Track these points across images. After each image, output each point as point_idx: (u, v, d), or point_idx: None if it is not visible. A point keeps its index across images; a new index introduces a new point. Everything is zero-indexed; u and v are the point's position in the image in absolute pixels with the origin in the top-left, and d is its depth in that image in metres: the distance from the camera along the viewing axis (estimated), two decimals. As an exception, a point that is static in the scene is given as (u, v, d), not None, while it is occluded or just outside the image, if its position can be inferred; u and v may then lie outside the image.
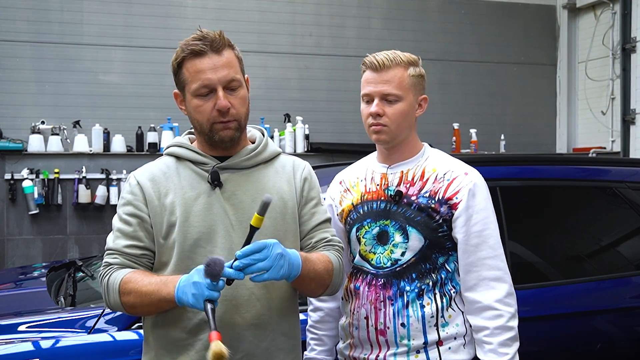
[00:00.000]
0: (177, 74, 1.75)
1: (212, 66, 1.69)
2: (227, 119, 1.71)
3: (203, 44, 1.69)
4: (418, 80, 1.96)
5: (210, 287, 1.52)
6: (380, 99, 1.92)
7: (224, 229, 1.72)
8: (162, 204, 1.73)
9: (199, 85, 1.69)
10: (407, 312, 1.91)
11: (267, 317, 1.73)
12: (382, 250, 1.96)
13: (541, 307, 2.64)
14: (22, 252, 5.97)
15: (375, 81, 1.92)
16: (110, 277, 1.71)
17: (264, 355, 1.74)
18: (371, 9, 7.07)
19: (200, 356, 1.71)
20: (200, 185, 1.75)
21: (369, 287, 1.96)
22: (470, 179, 1.93)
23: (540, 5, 7.65)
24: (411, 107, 1.95)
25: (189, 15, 6.44)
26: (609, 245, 3.09)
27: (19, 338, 2.37)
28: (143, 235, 1.74)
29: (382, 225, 1.96)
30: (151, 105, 6.30)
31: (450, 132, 6.79)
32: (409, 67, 1.94)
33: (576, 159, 4.04)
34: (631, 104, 6.80)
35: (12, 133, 5.96)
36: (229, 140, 1.73)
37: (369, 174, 2.04)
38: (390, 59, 1.92)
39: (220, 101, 1.69)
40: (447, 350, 1.91)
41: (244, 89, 1.75)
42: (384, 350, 1.94)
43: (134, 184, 1.77)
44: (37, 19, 6.10)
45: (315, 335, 2.14)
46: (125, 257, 1.73)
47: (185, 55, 1.71)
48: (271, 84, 6.61)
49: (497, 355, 1.86)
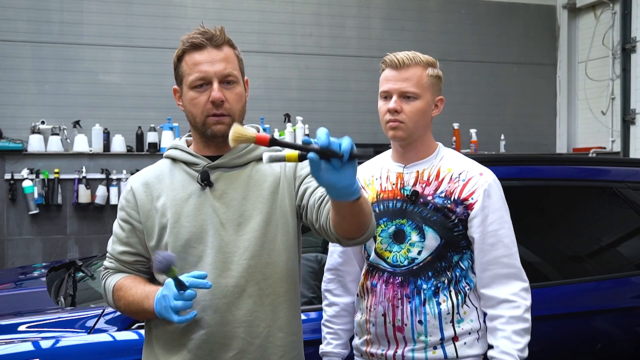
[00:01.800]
0: (177, 68, 1.76)
1: (209, 59, 1.70)
2: (221, 112, 1.71)
3: (203, 38, 1.71)
4: (436, 81, 2.01)
5: (176, 297, 1.58)
6: (399, 96, 1.97)
7: (213, 228, 1.72)
8: (154, 207, 1.75)
9: (195, 77, 1.71)
10: (425, 309, 1.95)
11: (260, 313, 1.73)
12: (399, 248, 1.99)
13: (541, 307, 2.63)
14: (22, 252, 5.98)
15: (395, 79, 1.97)
16: (106, 281, 1.83)
17: (257, 352, 1.73)
18: (371, 9, 7.08)
19: (192, 355, 1.72)
20: (191, 186, 1.76)
21: (386, 284, 2.00)
22: (485, 180, 1.98)
23: (540, 5, 7.65)
24: (428, 106, 1.99)
25: (189, 15, 6.44)
26: (609, 245, 3.09)
27: (19, 338, 2.37)
28: (135, 241, 1.79)
29: (399, 225, 1.99)
30: (151, 105, 6.30)
31: (450, 132, 6.80)
32: (428, 68, 1.99)
33: (576, 159, 4.04)
34: (631, 104, 6.80)
35: (12, 133, 5.96)
36: (222, 135, 1.72)
37: (384, 173, 2.07)
38: (410, 58, 1.97)
39: (214, 92, 1.70)
40: (463, 345, 1.96)
41: (240, 87, 1.75)
42: (401, 346, 1.98)
43: (128, 189, 1.82)
44: (37, 19, 6.10)
45: (331, 330, 2.16)
46: (120, 263, 1.81)
47: (185, 48, 1.73)
48: (271, 84, 6.61)
49: (511, 342, 1.91)
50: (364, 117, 6.86)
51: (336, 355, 2.14)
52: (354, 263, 2.15)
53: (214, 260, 1.71)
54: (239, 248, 1.72)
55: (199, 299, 1.69)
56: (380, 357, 2.03)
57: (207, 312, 1.70)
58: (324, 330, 2.18)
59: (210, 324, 1.71)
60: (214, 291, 1.69)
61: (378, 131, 6.84)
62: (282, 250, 1.75)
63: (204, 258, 1.71)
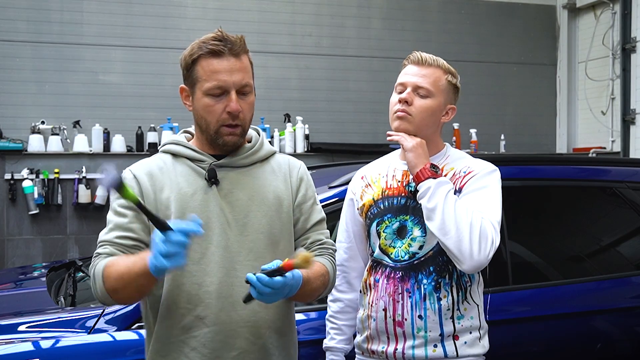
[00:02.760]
0: (190, 69, 1.74)
1: (229, 68, 1.70)
2: (236, 123, 1.72)
3: (223, 46, 1.70)
4: (452, 89, 2.05)
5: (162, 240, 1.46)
6: (413, 90, 2.00)
7: (220, 227, 1.72)
8: (158, 199, 1.73)
9: (213, 85, 1.70)
10: (425, 304, 1.97)
11: (263, 314, 1.74)
12: (401, 244, 2.01)
13: (541, 307, 2.64)
14: (22, 252, 5.97)
15: (413, 73, 2.01)
16: (96, 266, 1.67)
17: (259, 353, 1.74)
18: (371, 9, 7.07)
19: (196, 353, 1.71)
20: (196, 182, 1.75)
21: (387, 279, 2.02)
22: (487, 170, 2.00)
23: (540, 5, 7.65)
24: (439, 108, 2.02)
25: (189, 15, 6.44)
26: (609, 245, 3.09)
27: (19, 338, 2.37)
28: (138, 227, 1.71)
29: (402, 220, 2.02)
30: (151, 105, 6.29)
31: (450, 132, 6.79)
32: (448, 74, 2.03)
33: (576, 159, 4.05)
34: (631, 104, 6.79)
35: (12, 133, 5.96)
36: (233, 145, 1.76)
37: (391, 171, 2.10)
38: (433, 59, 2.03)
39: (232, 104, 1.70)
40: (464, 344, 1.97)
41: (253, 95, 1.77)
42: (401, 343, 1.99)
43: (130, 177, 1.75)
44: (37, 19, 6.10)
45: (335, 325, 2.18)
46: (116, 246, 1.69)
47: (202, 53, 1.70)
48: (271, 84, 6.61)
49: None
50: (364, 117, 6.86)
51: (339, 350, 2.16)
52: (359, 259, 2.17)
53: (220, 259, 1.71)
54: (243, 248, 1.73)
55: (203, 296, 1.69)
56: (380, 354, 2.03)
57: (212, 311, 1.70)
58: (328, 326, 2.20)
59: (215, 322, 1.70)
60: (220, 289, 1.69)
61: (378, 131, 6.87)
62: (285, 252, 1.76)
63: (208, 255, 1.71)
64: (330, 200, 2.60)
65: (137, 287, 1.60)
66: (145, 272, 1.52)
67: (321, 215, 1.88)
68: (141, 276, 1.55)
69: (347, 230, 2.17)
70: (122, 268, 1.60)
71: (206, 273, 1.70)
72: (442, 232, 1.86)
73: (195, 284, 1.70)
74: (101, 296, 1.67)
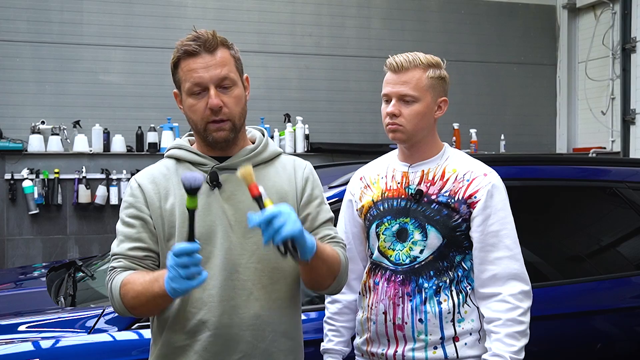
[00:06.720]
0: (174, 74, 1.77)
1: (204, 65, 1.69)
2: (220, 118, 1.71)
3: (196, 44, 1.70)
4: (438, 82, 2.01)
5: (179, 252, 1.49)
6: (398, 99, 1.98)
7: (222, 230, 1.72)
8: (163, 207, 1.74)
9: (191, 83, 1.70)
10: (425, 308, 1.96)
11: (266, 317, 1.73)
12: (401, 247, 2.00)
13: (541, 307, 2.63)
14: (22, 252, 5.97)
15: (394, 82, 1.98)
16: (113, 281, 1.71)
17: (262, 356, 1.73)
18: (371, 9, 7.07)
19: (198, 357, 1.71)
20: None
21: (387, 282, 2.01)
22: (489, 180, 1.99)
23: (540, 5, 7.65)
24: (428, 108, 2.00)
25: (189, 15, 6.44)
26: (609, 245, 3.09)
27: (19, 338, 2.37)
28: (146, 236, 1.74)
29: (402, 223, 2.00)
30: (151, 105, 6.29)
31: (450, 132, 6.80)
32: (429, 69, 1.99)
33: (576, 159, 4.04)
34: (631, 104, 6.79)
35: (12, 133, 5.96)
36: (223, 141, 1.74)
37: (390, 172, 2.09)
38: (409, 61, 1.97)
39: (211, 99, 1.69)
40: (464, 346, 1.97)
41: (239, 89, 1.74)
42: (401, 346, 1.98)
43: (135, 186, 1.78)
44: (37, 19, 6.10)
45: (333, 327, 2.17)
46: (129, 259, 1.73)
47: (179, 56, 1.72)
48: (271, 84, 6.61)
49: (504, 345, 1.89)
50: (364, 117, 6.86)
51: (337, 353, 2.14)
52: (357, 261, 2.16)
53: (222, 262, 1.71)
54: (246, 251, 1.72)
55: (206, 300, 1.69)
56: (380, 356, 2.03)
57: (215, 314, 1.70)
58: (325, 328, 2.18)
59: (217, 325, 1.70)
60: (222, 293, 1.69)
61: (378, 131, 6.86)
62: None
63: (212, 259, 1.71)
64: (330, 200, 2.59)
65: (155, 305, 1.67)
66: (162, 294, 1.57)
67: (329, 215, 1.87)
68: (158, 297, 1.61)
69: (345, 231, 2.16)
70: (138, 287, 1.64)
71: (210, 276, 1.69)
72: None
73: (200, 288, 1.69)
74: (120, 311, 1.73)
